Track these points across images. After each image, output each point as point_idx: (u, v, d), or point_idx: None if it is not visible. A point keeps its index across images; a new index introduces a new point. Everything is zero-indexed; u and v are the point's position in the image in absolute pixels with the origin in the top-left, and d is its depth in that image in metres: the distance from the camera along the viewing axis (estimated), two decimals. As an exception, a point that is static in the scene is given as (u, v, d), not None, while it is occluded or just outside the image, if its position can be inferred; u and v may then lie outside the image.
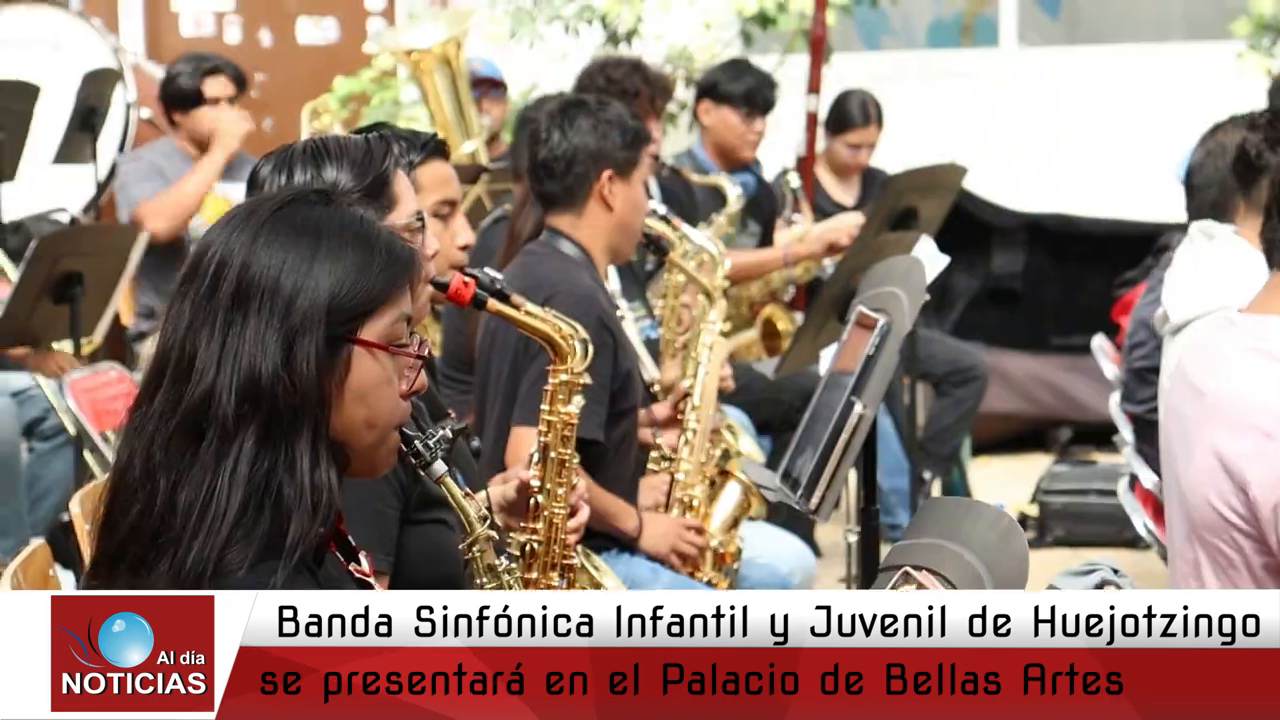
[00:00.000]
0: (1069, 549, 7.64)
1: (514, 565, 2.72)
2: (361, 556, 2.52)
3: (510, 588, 2.69)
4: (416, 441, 2.53)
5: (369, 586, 2.53)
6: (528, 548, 3.61)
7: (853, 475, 5.46)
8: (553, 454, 3.61)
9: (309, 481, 2.32)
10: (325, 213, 2.42)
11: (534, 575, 3.65)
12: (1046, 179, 9.90)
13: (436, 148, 3.50)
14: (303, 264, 2.36)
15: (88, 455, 5.80)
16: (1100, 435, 8.07)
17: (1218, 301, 4.01)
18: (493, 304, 3.51)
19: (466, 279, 3.42)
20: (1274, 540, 3.10)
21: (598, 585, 4.00)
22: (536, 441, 3.63)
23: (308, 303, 2.34)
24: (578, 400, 3.70)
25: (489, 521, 2.67)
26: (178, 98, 7.58)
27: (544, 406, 3.66)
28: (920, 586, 2.83)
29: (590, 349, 3.75)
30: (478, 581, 2.68)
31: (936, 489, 7.83)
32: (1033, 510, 8.04)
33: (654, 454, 5.06)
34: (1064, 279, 9.66)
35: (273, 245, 2.36)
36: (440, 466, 2.57)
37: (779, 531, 5.56)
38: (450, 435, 2.64)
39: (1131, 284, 6.47)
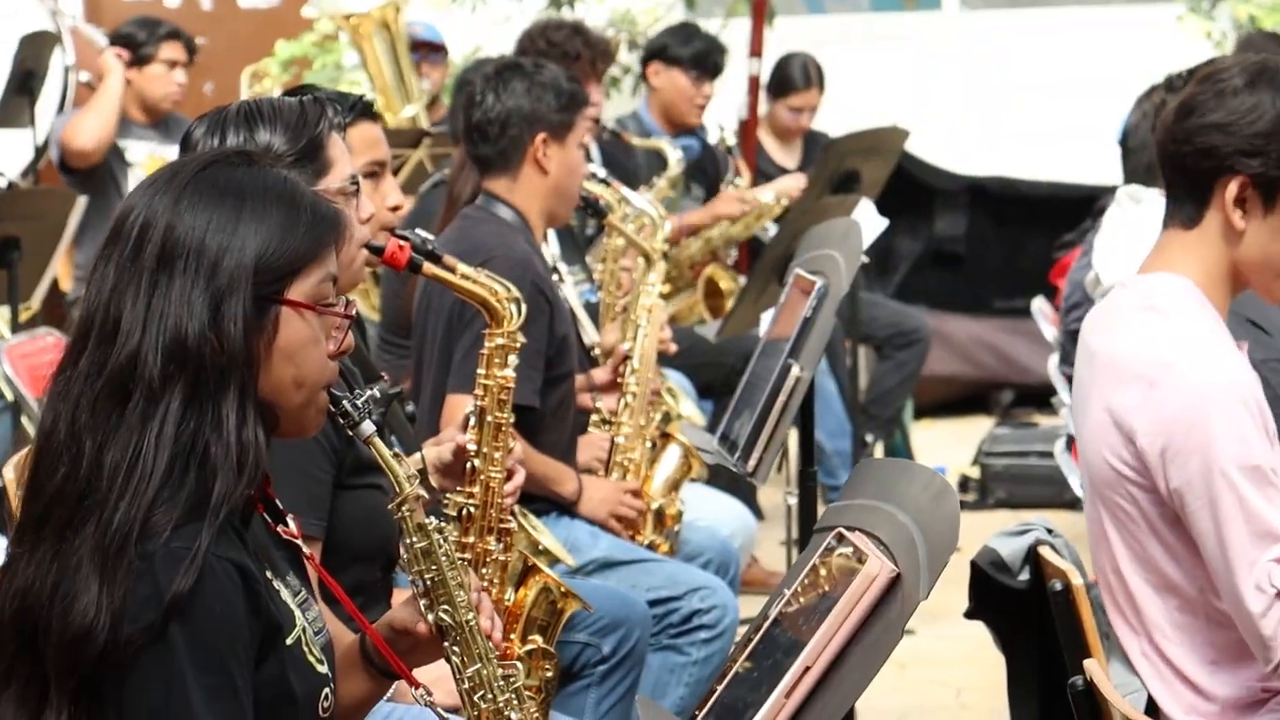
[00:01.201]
0: (1010, 511, 7.68)
1: (444, 524, 2.72)
2: (289, 519, 2.52)
3: (440, 547, 2.69)
4: (344, 402, 2.53)
5: (296, 549, 2.53)
6: (464, 512, 3.61)
7: (794, 437, 5.48)
8: (489, 418, 3.60)
9: (235, 440, 2.32)
10: (249, 173, 2.42)
11: (471, 539, 3.64)
12: (989, 142, 9.91)
13: (364, 109, 3.49)
14: (228, 224, 2.36)
15: (25, 421, 5.77)
16: (1042, 397, 8.10)
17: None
18: (428, 268, 3.49)
19: (402, 243, 3.41)
20: (1163, 487, 3.12)
21: (535, 544, 4.00)
22: (473, 405, 3.62)
23: (234, 262, 2.34)
24: (514, 362, 3.69)
25: (419, 481, 2.67)
26: (135, 56, 7.60)
27: (480, 370, 3.65)
28: (854, 548, 2.85)
29: (524, 309, 3.73)
30: (407, 541, 2.68)
31: (879, 451, 7.86)
32: (974, 472, 8.09)
33: (594, 418, 5.06)
34: (1006, 242, 9.68)
35: (197, 207, 2.36)
36: (369, 427, 2.57)
37: (720, 494, 5.58)
38: (379, 396, 2.64)
39: (1069, 246, 6.50)
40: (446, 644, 2.70)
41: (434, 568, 2.68)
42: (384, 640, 2.68)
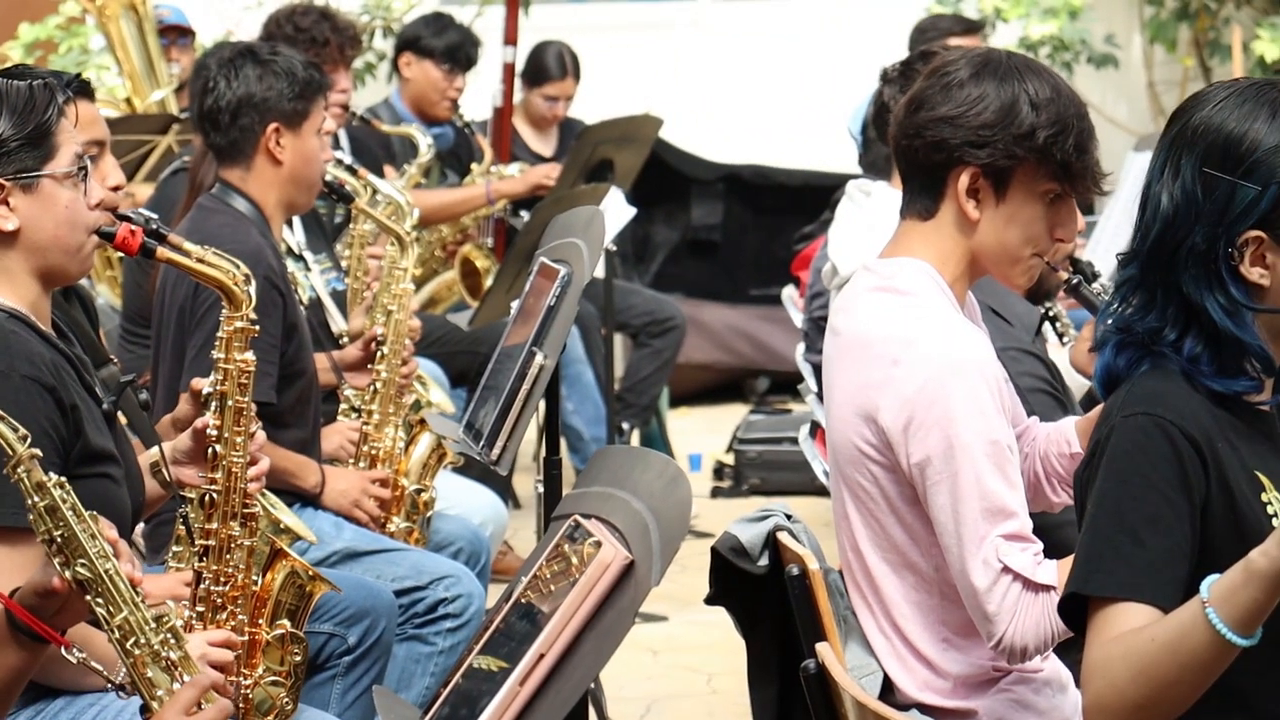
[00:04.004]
0: (764, 497, 7.75)
1: (64, 479, 2.69)
2: None
3: (64, 502, 2.66)
4: None
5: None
6: (206, 498, 3.55)
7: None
8: (230, 402, 3.55)
9: None
10: None
11: (214, 525, 3.59)
12: (744, 131, 9.99)
13: (81, 88, 3.42)
14: None
15: None
16: (796, 384, 8.19)
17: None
18: (162, 252, 3.42)
19: (134, 227, 3.34)
20: (905, 462, 3.17)
21: (276, 523, 3.94)
22: (210, 387, 3.56)
23: None
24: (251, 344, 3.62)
25: (30, 440, 2.65)
26: None
27: (219, 354, 3.59)
28: (590, 535, 2.86)
29: (254, 286, 3.68)
30: (29, 501, 2.65)
31: (635, 439, 7.89)
32: (729, 459, 8.15)
33: (342, 405, 5.02)
34: (761, 230, 9.78)
35: None
36: None
37: (471, 483, 5.56)
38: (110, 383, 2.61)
39: (810, 238, 6.57)
40: (89, 597, 2.68)
41: (62, 524, 2.65)
42: (29, 607, 2.65)
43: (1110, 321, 2.68)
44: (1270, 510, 2.57)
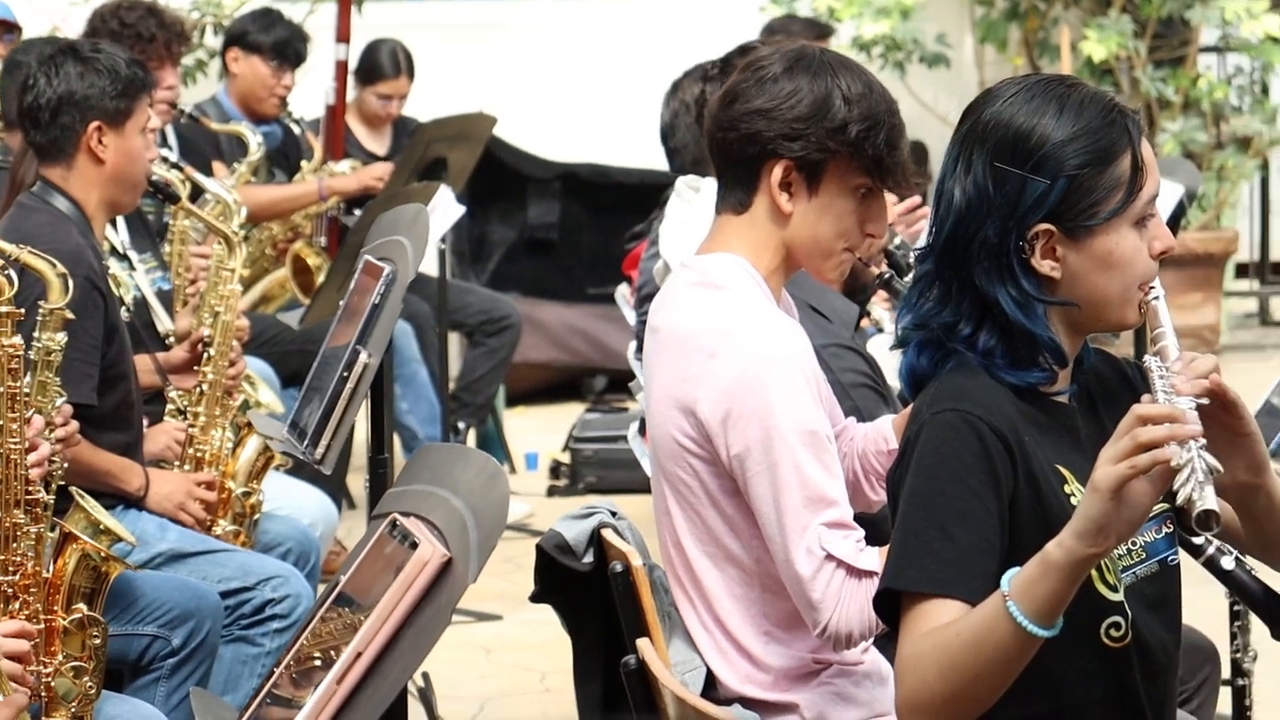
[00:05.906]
0: (600, 495, 7.76)
1: None
2: None
3: None
4: None
5: None
6: (-14, 487, 3.53)
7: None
8: (0, 389, 3.51)
9: None
10: None
11: (-2, 516, 3.57)
12: (581, 129, 10.01)
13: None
14: None
15: None
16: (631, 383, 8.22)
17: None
18: None
19: None
20: (724, 455, 3.20)
21: (95, 524, 3.90)
22: None
23: None
24: (59, 336, 3.57)
25: None
26: None
27: None
28: (408, 534, 2.86)
29: (70, 284, 3.62)
30: None
31: (471, 439, 7.88)
32: (565, 458, 8.16)
33: (168, 407, 4.98)
34: (598, 228, 9.78)
35: None
36: None
37: (301, 484, 5.53)
38: None
39: (640, 237, 6.59)
40: None
41: None
42: None
43: (909, 317, 2.72)
44: (1074, 502, 2.61)
